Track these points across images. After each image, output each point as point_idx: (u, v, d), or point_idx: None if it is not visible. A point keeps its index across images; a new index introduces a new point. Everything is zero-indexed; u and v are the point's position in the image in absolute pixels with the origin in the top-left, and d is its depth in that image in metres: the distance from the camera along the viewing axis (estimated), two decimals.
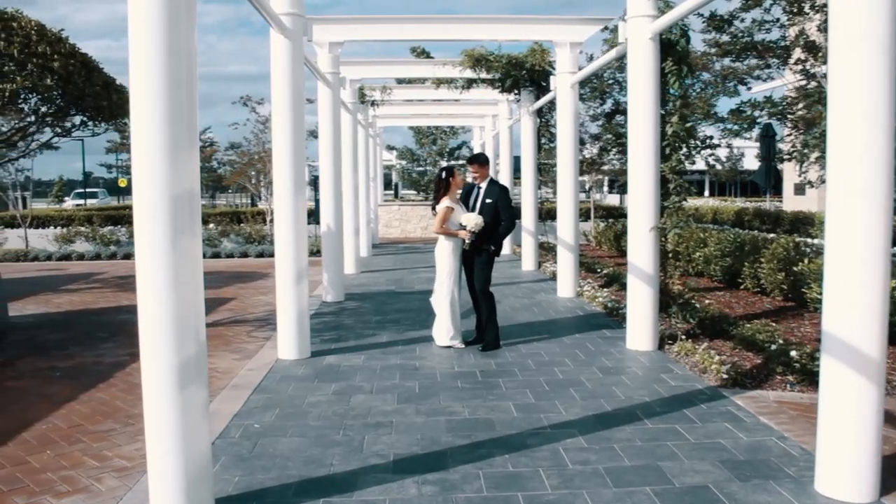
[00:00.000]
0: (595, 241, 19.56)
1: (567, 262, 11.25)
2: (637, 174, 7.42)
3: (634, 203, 7.48)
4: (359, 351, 7.76)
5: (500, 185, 7.92)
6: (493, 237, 7.68)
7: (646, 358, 7.24)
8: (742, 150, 49.41)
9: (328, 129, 11.03)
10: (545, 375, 6.65)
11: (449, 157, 34.61)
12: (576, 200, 11.17)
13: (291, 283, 7.45)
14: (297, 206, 7.40)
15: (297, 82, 7.39)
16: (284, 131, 7.32)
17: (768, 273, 10.05)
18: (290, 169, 7.33)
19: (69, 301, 11.82)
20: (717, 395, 5.97)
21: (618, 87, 14.62)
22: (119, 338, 8.90)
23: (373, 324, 9.25)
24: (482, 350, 7.64)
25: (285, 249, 7.43)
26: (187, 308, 3.76)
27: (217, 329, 9.32)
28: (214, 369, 7.28)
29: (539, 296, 11.37)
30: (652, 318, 7.50)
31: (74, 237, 19.66)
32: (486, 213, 7.65)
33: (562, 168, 11.12)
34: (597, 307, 10.12)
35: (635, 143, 7.43)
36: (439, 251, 7.81)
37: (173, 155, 3.62)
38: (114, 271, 16.03)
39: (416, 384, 6.43)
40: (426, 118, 27.81)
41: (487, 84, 15.44)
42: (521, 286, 12.50)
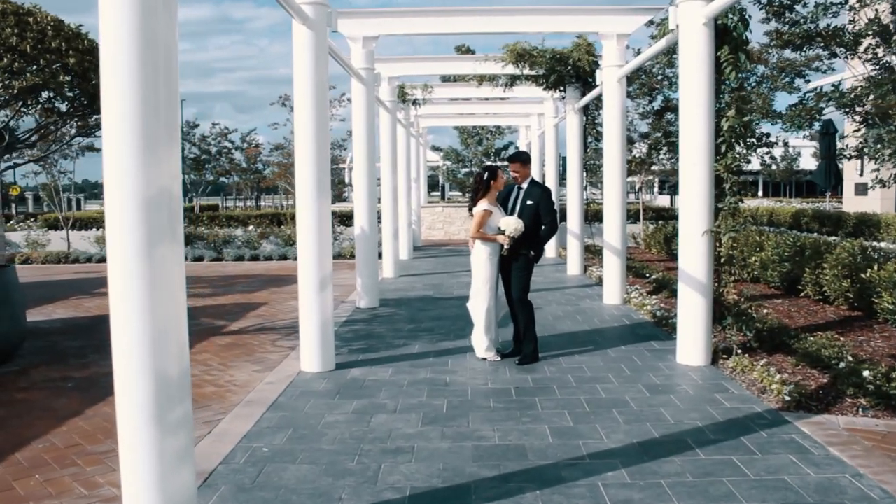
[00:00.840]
0: (644, 244, 18.78)
1: (613, 267, 10.61)
2: (689, 173, 6.78)
3: (686, 204, 6.84)
4: (387, 363, 7.27)
5: (542, 186, 7.36)
6: (533, 242, 7.12)
7: (697, 374, 6.59)
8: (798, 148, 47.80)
9: (362, 128, 10.59)
10: (586, 394, 6.06)
11: (495, 157, 34.03)
12: (623, 202, 10.53)
13: (314, 291, 7.01)
14: (321, 208, 6.94)
15: (320, 77, 6.93)
16: (307, 129, 6.87)
17: (832, 280, 9.27)
18: (313, 169, 6.88)
19: (99, 305, 11.60)
20: (778, 419, 5.31)
21: (667, 82, 13.90)
22: None
23: (405, 333, 8.76)
24: (519, 364, 7.09)
25: (308, 255, 6.99)
26: (166, 327, 3.29)
27: (242, 337, 8.93)
28: (232, 382, 6.87)
29: (583, 303, 10.74)
30: (704, 330, 6.85)
31: None
32: (527, 215, 7.10)
33: (608, 167, 10.48)
34: (645, 316, 9.46)
35: (687, 139, 6.79)
36: (476, 257, 7.28)
37: (148, 152, 3.17)
38: None
39: (445, 403, 5.91)
40: (471, 118, 27.32)
41: (531, 81, 14.88)
42: (565, 292, 11.88)
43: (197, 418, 5.73)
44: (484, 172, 7.26)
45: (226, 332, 9.29)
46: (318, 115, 6.89)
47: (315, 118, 6.87)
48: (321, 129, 6.92)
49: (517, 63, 13.39)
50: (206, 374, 7.18)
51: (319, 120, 6.90)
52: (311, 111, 6.86)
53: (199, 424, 5.58)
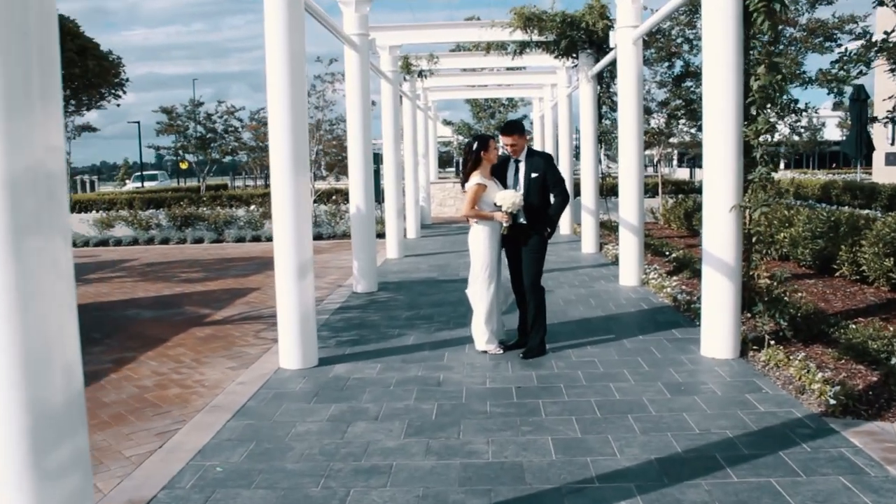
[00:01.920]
0: (663, 220, 17.87)
1: (630, 246, 9.78)
2: (714, 141, 5.94)
3: (711, 177, 6.01)
4: (377, 357, 6.54)
5: (542, 153, 6.57)
6: (545, 218, 6.34)
7: (725, 369, 5.80)
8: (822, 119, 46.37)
9: (356, 99, 9.80)
10: (598, 395, 5.29)
11: None
12: (640, 174, 9.67)
13: (293, 280, 6.26)
14: (297, 187, 6.18)
15: (294, 40, 6.14)
16: (279, 97, 6.10)
17: (872, 258, 8.40)
18: (289, 141, 6.11)
19: (83, 293, 10.95)
20: (823, 428, 4.52)
21: (688, 46, 12.97)
22: (112, 339, 7.90)
23: (402, 321, 8.02)
24: (523, 357, 6.33)
25: (284, 239, 6.24)
26: (45, 345, 2.54)
27: (224, 328, 8.24)
28: (201, 382, 6.17)
29: (598, 284, 9.94)
30: (732, 318, 6.04)
31: (114, 222, 19.03)
32: (534, 190, 6.31)
33: (624, 137, 9.62)
34: (664, 299, 8.65)
35: (712, 103, 5.94)
36: (473, 238, 6.51)
37: (9, 116, 2.40)
38: (146, 258, 15.23)
39: (435, 407, 5.16)
40: (482, 90, 26.40)
41: (542, 48, 13.97)
42: (579, 272, 11.08)
43: (150, 428, 5.05)
44: (473, 142, 6.46)
45: (208, 322, 8.59)
46: (293, 81, 6.10)
47: (289, 84, 6.08)
48: (296, 98, 6.14)
49: (525, 28, 12.48)
50: (175, 373, 6.48)
51: (294, 87, 6.11)
52: (284, 78, 6.08)
53: (150, 437, 4.89)
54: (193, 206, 19.84)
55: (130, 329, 8.37)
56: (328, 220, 19.41)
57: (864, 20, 13.07)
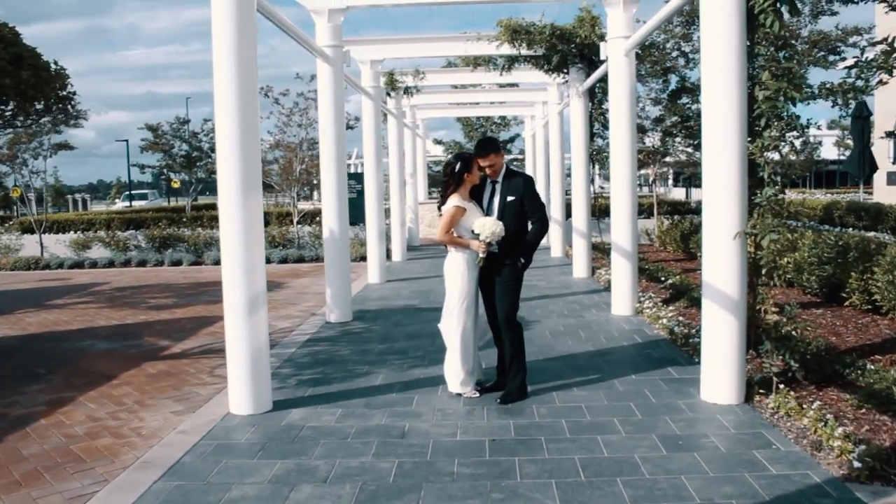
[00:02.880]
0: (658, 242, 17.21)
1: (623, 272, 9.10)
2: (714, 159, 5.28)
3: (711, 199, 5.34)
4: (339, 400, 5.83)
5: (521, 174, 5.89)
6: (520, 246, 5.67)
7: (729, 418, 5.10)
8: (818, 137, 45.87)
9: (329, 115, 9.15)
10: (583, 451, 4.59)
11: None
12: (633, 195, 9.02)
13: (241, 315, 5.56)
14: (248, 209, 5.50)
15: (245, 45, 5.48)
16: (228, 110, 5.43)
17: (885, 287, 7.73)
18: (237, 161, 5.44)
19: (41, 321, 10.24)
20: (848, 498, 3.82)
21: (683, 60, 12.39)
22: (56, 375, 7.18)
23: (373, 356, 7.32)
24: (501, 402, 5.62)
25: (232, 269, 5.55)
26: None
27: (180, 363, 7.52)
28: (138, 430, 5.45)
29: (589, 314, 9.24)
30: (736, 358, 5.35)
31: (91, 242, 18.32)
32: (510, 215, 5.64)
33: (616, 155, 8.97)
34: (660, 331, 7.96)
35: (712, 115, 5.29)
36: (449, 266, 5.84)
37: None
38: (118, 281, 14.51)
39: (394, 466, 4.45)
40: (472, 108, 25.86)
41: (531, 63, 13.40)
42: (569, 300, 10.38)
43: (65, 490, 4.35)
44: (455, 162, 5.79)
45: (164, 356, 7.88)
46: (242, 89, 5.43)
47: (238, 96, 5.42)
48: (247, 111, 5.47)
49: (513, 42, 11.90)
50: (112, 418, 5.76)
51: (244, 99, 5.44)
52: (233, 89, 5.41)
53: (61, 502, 4.17)
54: (174, 226, 19.14)
55: (79, 363, 7.65)
56: (311, 241, 18.74)
57: (868, 32, 12.50)
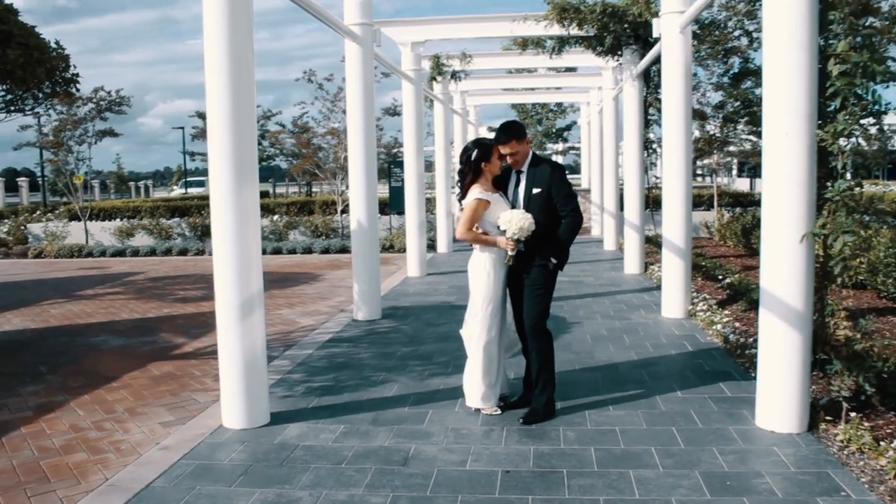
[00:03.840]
0: (718, 235, 16.15)
1: (674, 271, 8.29)
2: (777, 146, 4.47)
3: (773, 194, 4.53)
4: (344, 414, 5.24)
5: (550, 162, 5.16)
6: (551, 244, 4.96)
7: (788, 451, 4.32)
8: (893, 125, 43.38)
9: (357, 99, 8.55)
10: (610, 491, 3.88)
11: (557, 139, 31.47)
12: (688, 186, 8.17)
13: (235, 319, 5.02)
14: (243, 200, 4.94)
15: (238, 24, 4.89)
16: (219, 93, 4.87)
17: None
18: (228, 147, 4.87)
19: (65, 313, 9.96)
20: None
21: (747, 39, 11.40)
22: (56, 375, 6.78)
23: (394, 360, 6.71)
24: (524, 423, 4.93)
25: (223, 267, 5.01)
26: None
27: (188, 364, 7.04)
28: (118, 444, 4.95)
29: (636, 315, 8.45)
30: (799, 380, 4.55)
31: (134, 230, 18.19)
32: (537, 208, 4.95)
33: (668, 142, 8.14)
34: (714, 338, 7.14)
35: (775, 95, 4.47)
36: (474, 266, 5.18)
37: None
38: (154, 271, 14.25)
39: (388, 500, 3.83)
40: (525, 94, 25.01)
41: (584, 45, 12.56)
42: (617, 299, 9.59)
43: None
44: (472, 149, 5.11)
45: (174, 356, 7.42)
46: (235, 70, 4.85)
47: (229, 77, 4.84)
48: (240, 94, 4.89)
49: (562, 21, 11.09)
50: (96, 429, 5.28)
51: (237, 79, 4.86)
52: (224, 68, 4.84)
53: None
54: None
55: (84, 362, 7.24)
56: None
57: None
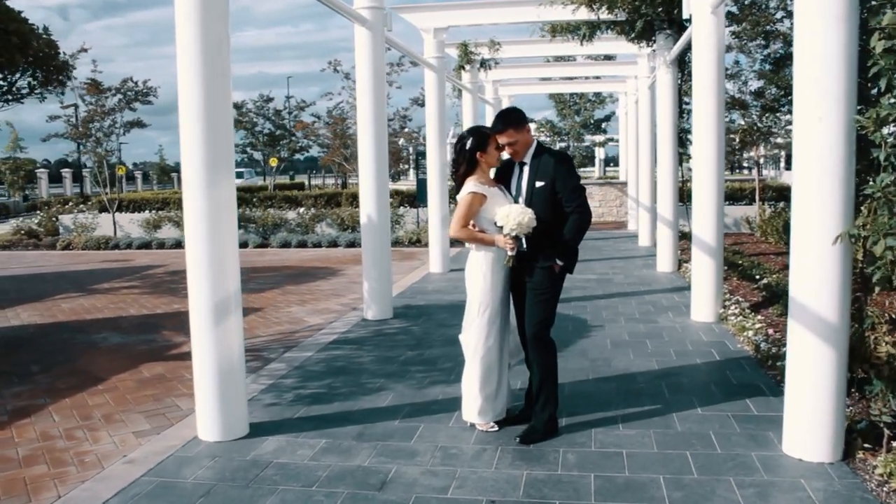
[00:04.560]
0: (760, 231, 15.38)
1: (705, 271, 7.69)
2: (808, 133, 3.90)
3: (802, 189, 3.97)
4: (329, 426, 4.83)
5: (555, 153, 4.65)
6: (556, 244, 4.46)
7: (819, 485, 3.76)
8: None
9: (367, 87, 8.12)
10: None
11: (595, 129, 30.68)
12: (719, 180, 7.56)
13: (207, 324, 4.62)
14: (216, 197, 4.54)
15: (209, 12, 4.48)
16: (189, 82, 4.46)
17: None
18: (200, 139, 4.47)
19: (75, 307, 9.74)
20: None
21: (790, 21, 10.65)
22: (45, 375, 6.50)
23: (395, 365, 6.28)
24: (521, 441, 4.45)
25: (195, 266, 4.61)
26: None
27: (181, 364, 6.69)
28: (83, 456, 4.61)
29: (663, 318, 7.88)
30: (832, 402, 3.98)
31: (161, 222, 18.07)
32: (540, 203, 4.46)
33: (699, 131, 7.55)
34: (745, 346, 6.55)
35: (806, 74, 3.90)
36: (470, 268, 4.71)
37: None
38: (175, 264, 14.03)
39: None
40: (563, 84, 24.36)
41: (617, 30, 11.96)
42: (645, 299, 9.02)
43: None
44: (466, 138, 4.62)
45: (169, 356, 7.10)
46: (206, 60, 4.44)
47: (201, 64, 4.43)
48: (214, 77, 4.48)
49: (591, 5, 10.50)
50: (66, 438, 4.95)
51: (207, 68, 4.45)
52: (195, 57, 4.43)
53: None
54: (244, 206, 18.63)
55: (78, 361, 6.96)
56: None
57: None
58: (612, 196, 21.69)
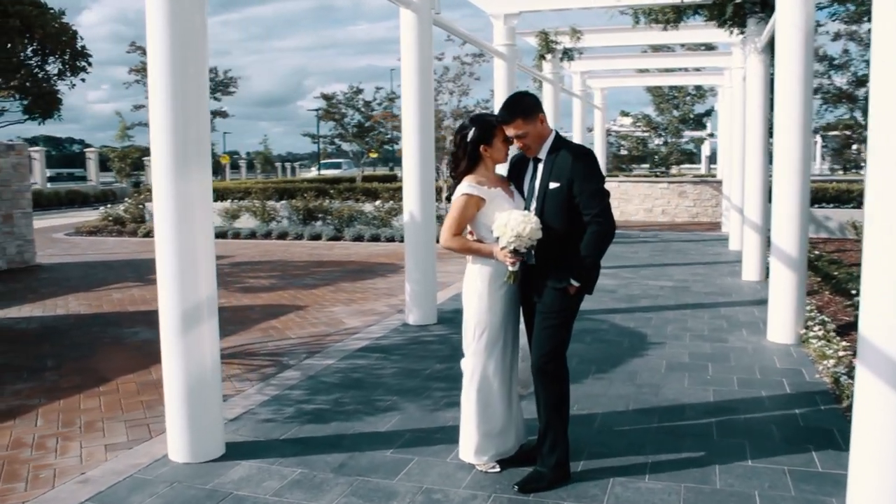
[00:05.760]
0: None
1: (785, 284, 6.71)
2: (888, 121, 3.02)
3: (881, 183, 3.08)
4: (312, 453, 4.27)
5: (574, 148, 3.88)
6: (571, 261, 3.72)
7: None
8: None
9: (412, 75, 7.52)
10: None
11: (696, 125, 29.04)
12: (804, 180, 6.55)
13: (175, 330, 4.12)
14: (183, 191, 4.03)
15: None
16: (158, 66, 3.97)
17: None
18: (169, 127, 3.97)
19: (123, 298, 9.61)
20: None
21: None
22: (53, 373, 6.24)
23: (417, 380, 5.66)
24: (519, 490, 3.73)
25: (163, 269, 4.11)
26: None
27: None
28: (39, 472, 4.20)
29: (735, 338, 6.93)
30: None
31: (239, 212, 18.05)
32: (554, 209, 3.75)
33: (781, 125, 6.55)
34: (823, 377, 5.57)
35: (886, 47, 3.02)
36: (467, 283, 4.02)
37: None
38: (242, 255, 13.88)
39: None
40: (659, 76, 23.10)
41: (706, 15, 10.95)
42: (720, 313, 8.06)
43: None
44: (468, 128, 3.93)
45: None
46: (174, 47, 3.93)
47: (169, 50, 3.92)
48: (185, 63, 3.96)
49: None
50: (36, 448, 4.58)
51: (175, 54, 3.94)
52: (163, 45, 3.93)
53: None
54: (322, 197, 18.41)
55: (94, 357, 6.69)
56: None
57: None
58: (707, 195, 20.33)
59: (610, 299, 8.83)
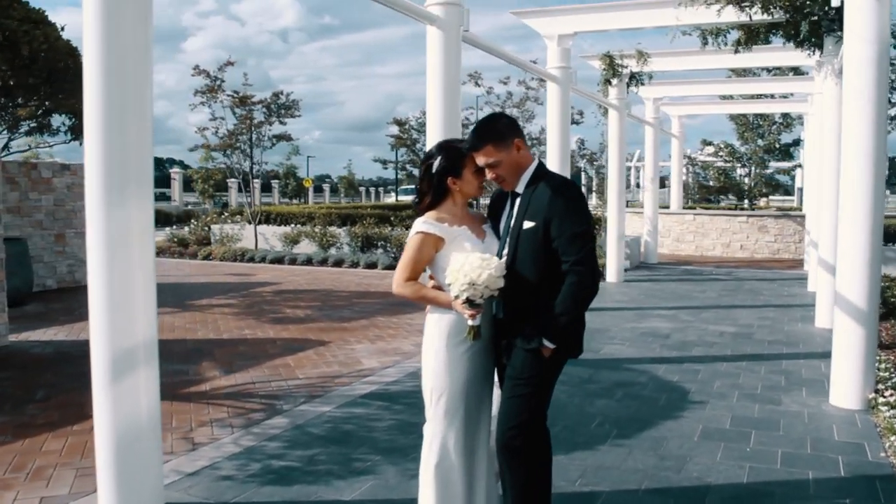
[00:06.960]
0: None
1: (851, 340, 5.77)
2: None
3: None
4: None
5: (555, 181, 3.21)
6: (545, 317, 3.06)
7: None
8: None
9: (437, 97, 6.93)
10: None
11: (783, 155, 27.42)
12: (875, 217, 5.64)
13: (105, 378, 3.67)
14: (117, 220, 3.56)
15: None
16: (93, 75, 3.53)
17: None
18: (100, 151, 3.52)
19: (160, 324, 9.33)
20: None
21: None
22: (38, 405, 5.89)
23: (410, 437, 5.05)
24: None
25: (95, 306, 3.65)
26: None
27: (185, 406, 5.82)
28: None
29: (791, 398, 6.02)
30: None
31: (299, 237, 17.84)
32: (526, 252, 3.14)
33: (847, 154, 5.69)
34: (890, 457, 4.66)
35: None
36: (424, 340, 3.39)
37: None
38: (290, 283, 13.55)
39: None
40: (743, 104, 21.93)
41: (783, 35, 10.04)
42: (780, 367, 7.12)
43: None
44: (434, 156, 3.33)
45: (184, 394, 6.26)
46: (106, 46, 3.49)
47: (102, 50, 3.49)
48: (122, 76, 3.52)
49: (739, 4, 8.75)
50: None
51: (110, 65, 3.50)
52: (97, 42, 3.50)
53: None
54: (382, 224, 18.03)
55: (85, 391, 6.27)
56: None
57: None
58: (790, 230, 18.98)
59: (659, 346, 8.00)
